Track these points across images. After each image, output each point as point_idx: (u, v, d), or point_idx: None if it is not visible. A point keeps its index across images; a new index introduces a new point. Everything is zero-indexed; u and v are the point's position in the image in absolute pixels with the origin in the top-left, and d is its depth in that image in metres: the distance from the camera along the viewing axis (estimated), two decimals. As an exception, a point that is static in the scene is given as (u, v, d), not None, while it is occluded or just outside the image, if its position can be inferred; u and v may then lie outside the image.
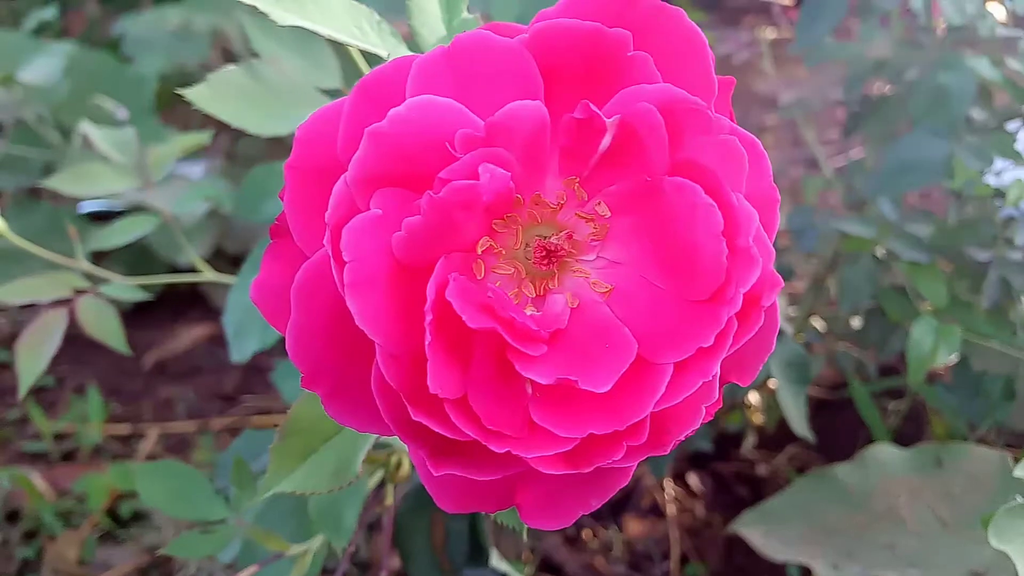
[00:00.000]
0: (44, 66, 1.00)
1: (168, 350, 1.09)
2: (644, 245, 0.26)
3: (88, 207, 1.06)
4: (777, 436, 0.90)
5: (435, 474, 0.25)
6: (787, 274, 0.90)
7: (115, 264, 1.04)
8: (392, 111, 0.24)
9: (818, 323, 0.92)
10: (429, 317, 0.23)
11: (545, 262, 0.26)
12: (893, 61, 0.80)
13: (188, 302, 1.16)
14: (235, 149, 1.14)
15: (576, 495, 0.27)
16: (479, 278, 0.26)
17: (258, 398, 1.02)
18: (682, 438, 0.25)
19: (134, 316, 1.10)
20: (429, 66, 0.25)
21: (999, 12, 0.76)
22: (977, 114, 0.77)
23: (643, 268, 0.26)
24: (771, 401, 0.88)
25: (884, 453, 0.71)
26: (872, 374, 0.87)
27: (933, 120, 0.72)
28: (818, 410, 0.93)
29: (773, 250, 0.25)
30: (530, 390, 0.25)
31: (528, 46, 0.25)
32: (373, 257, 0.23)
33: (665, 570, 0.80)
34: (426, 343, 0.23)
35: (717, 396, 0.26)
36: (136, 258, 1.05)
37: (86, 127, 0.58)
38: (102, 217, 1.02)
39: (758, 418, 0.91)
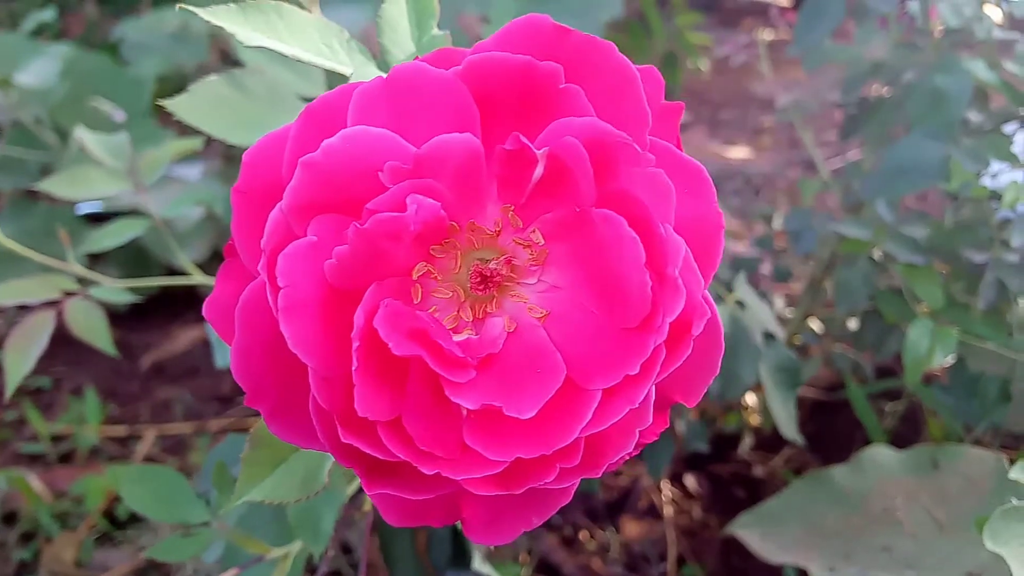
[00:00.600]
0: (41, 68, 1.00)
1: (165, 352, 1.09)
2: (580, 272, 0.27)
3: (85, 208, 1.06)
4: (774, 438, 0.90)
5: (369, 493, 0.26)
6: (784, 276, 0.90)
7: (111, 266, 1.04)
8: (325, 142, 0.24)
9: (815, 324, 0.92)
10: (356, 344, 0.24)
11: (482, 287, 0.27)
12: (890, 63, 0.80)
13: (185, 304, 1.16)
14: (232, 151, 1.14)
15: (517, 513, 0.28)
16: (416, 302, 0.27)
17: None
18: (616, 460, 0.26)
19: (131, 318, 1.10)
20: (368, 96, 0.26)
21: (996, 15, 0.76)
22: (974, 116, 0.77)
23: (579, 295, 0.27)
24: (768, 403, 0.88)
25: (880, 455, 0.71)
26: (869, 375, 0.88)
27: (930, 122, 0.72)
28: (815, 411, 0.94)
29: (701, 279, 0.26)
30: (464, 413, 0.25)
31: (463, 77, 0.26)
32: (307, 283, 0.24)
33: (662, 571, 0.80)
34: (353, 369, 0.24)
35: (654, 418, 0.26)
36: (132, 260, 1.05)
37: (80, 132, 0.58)
38: (99, 218, 1.02)
39: (755, 420, 0.91)
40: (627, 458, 0.26)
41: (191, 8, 0.30)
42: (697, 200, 0.26)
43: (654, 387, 0.25)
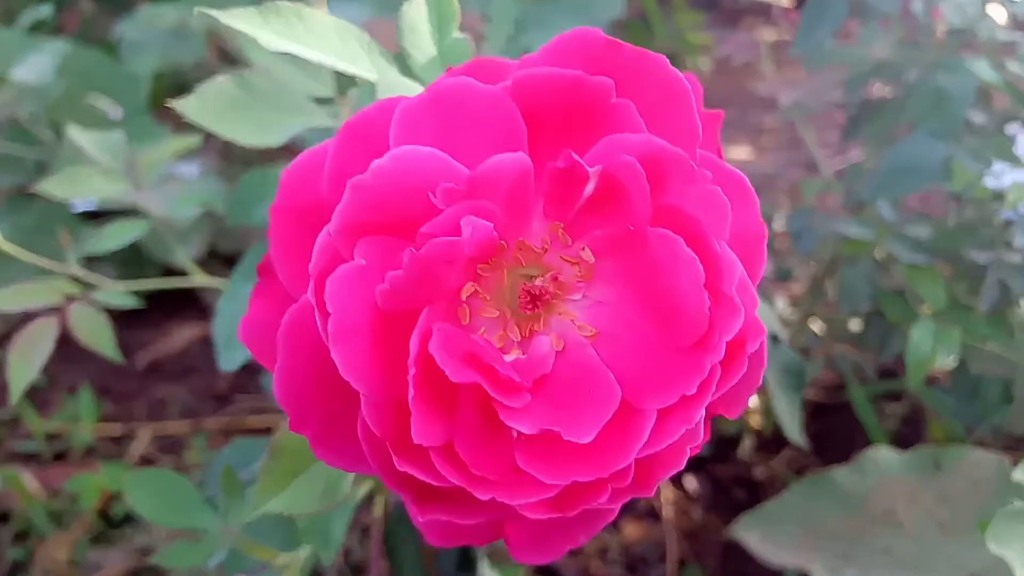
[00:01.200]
0: (37, 64, 0.99)
1: (161, 350, 1.09)
2: (629, 289, 0.27)
3: (82, 206, 1.05)
4: (775, 439, 0.90)
5: (420, 520, 0.25)
6: (786, 276, 0.90)
7: (107, 264, 1.04)
8: (374, 163, 0.24)
9: (817, 325, 0.92)
10: (413, 371, 0.23)
11: (530, 306, 0.26)
12: (893, 63, 0.80)
13: (181, 302, 1.15)
14: (230, 148, 1.13)
15: (563, 533, 0.27)
16: (464, 323, 0.26)
17: (252, 398, 1.01)
18: (666, 477, 0.26)
19: (127, 316, 1.09)
20: (412, 112, 0.25)
21: (999, 15, 0.76)
22: (976, 117, 0.77)
23: (629, 312, 0.27)
24: (769, 404, 0.87)
25: (882, 456, 0.70)
26: (871, 377, 0.87)
27: (933, 122, 0.71)
28: (816, 413, 0.93)
29: (756, 296, 0.25)
30: (516, 435, 0.25)
31: (511, 93, 0.25)
32: (356, 307, 0.24)
33: (662, 573, 0.79)
34: (410, 397, 0.23)
35: (703, 436, 0.26)
36: (128, 258, 1.04)
37: (74, 131, 0.57)
38: (96, 215, 1.02)
39: (756, 421, 0.91)
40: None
41: (210, 12, 0.29)
42: (741, 211, 0.26)
43: None
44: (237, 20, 0.30)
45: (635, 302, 0.26)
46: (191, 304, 1.15)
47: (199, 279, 0.54)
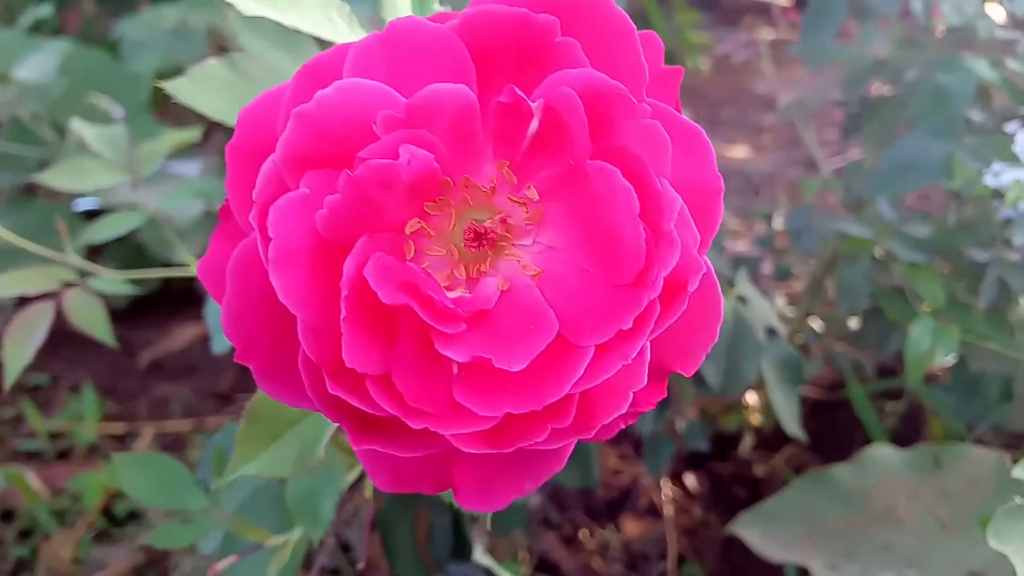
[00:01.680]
0: (39, 64, 1.00)
1: (163, 349, 1.09)
2: (575, 229, 0.27)
3: (83, 205, 1.05)
4: (774, 437, 0.90)
5: (356, 448, 0.25)
6: (785, 275, 0.90)
7: (110, 262, 1.04)
8: (319, 93, 0.24)
9: (816, 323, 0.92)
10: (345, 292, 0.24)
11: (475, 244, 0.26)
12: (892, 62, 0.80)
13: (183, 301, 1.15)
14: (231, 147, 1.14)
15: (509, 477, 0.27)
16: (409, 258, 0.26)
17: (253, 396, 1.02)
18: (608, 421, 0.25)
19: (129, 315, 1.09)
20: (364, 51, 0.25)
21: (998, 14, 0.76)
22: (976, 115, 0.77)
23: (575, 253, 0.27)
24: (769, 402, 0.88)
25: (882, 453, 0.71)
26: (870, 375, 0.87)
27: (932, 121, 0.72)
28: (815, 410, 0.94)
29: (698, 235, 0.25)
30: (455, 369, 0.25)
31: (459, 31, 0.25)
32: (298, 235, 0.24)
33: (662, 570, 0.79)
34: (341, 318, 0.24)
35: (648, 382, 0.26)
36: (130, 257, 1.05)
37: (77, 124, 0.57)
38: (97, 215, 1.02)
39: (756, 419, 0.91)
40: (621, 424, 0.26)
41: None
42: (696, 162, 0.26)
43: (649, 349, 0.25)
44: None
45: (581, 242, 0.27)
46: (193, 304, 1.15)
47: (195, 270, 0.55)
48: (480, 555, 0.52)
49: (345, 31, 0.33)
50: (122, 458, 0.41)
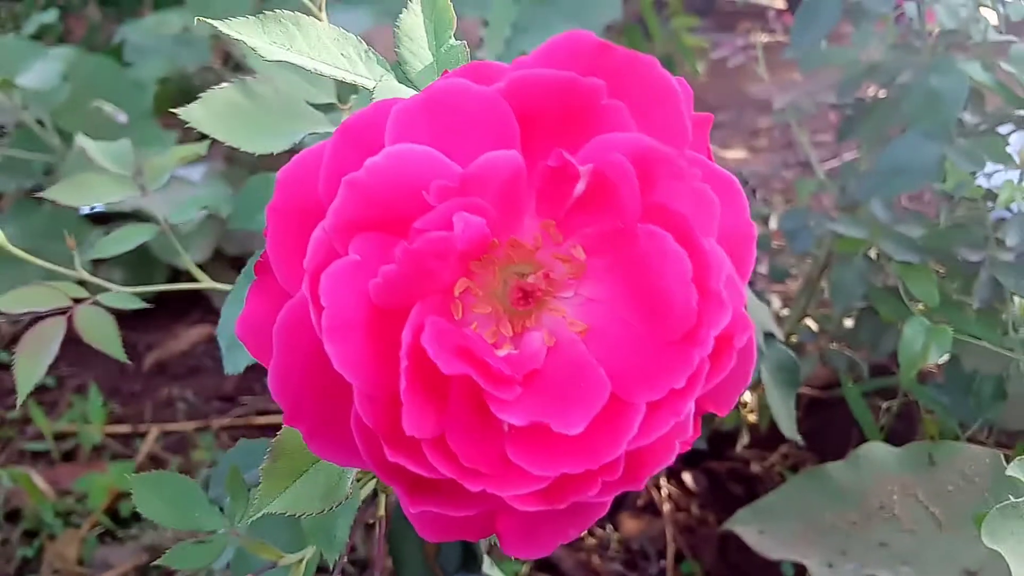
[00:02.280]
0: (44, 70, 1.01)
1: (168, 350, 1.10)
2: (619, 286, 0.27)
3: (88, 209, 1.06)
4: (771, 435, 0.90)
5: (412, 511, 0.26)
6: (781, 275, 0.91)
7: (115, 266, 1.05)
8: (369, 161, 0.24)
9: (811, 323, 0.93)
10: (405, 363, 0.24)
11: (522, 302, 0.27)
12: (886, 65, 0.81)
13: (188, 302, 1.16)
14: (235, 152, 1.14)
15: (554, 526, 0.28)
16: (457, 318, 0.26)
17: (258, 398, 1.03)
18: (656, 471, 0.26)
19: (134, 317, 1.09)
20: (407, 113, 0.25)
21: (991, 16, 0.77)
22: (969, 117, 0.78)
23: (619, 308, 0.27)
24: (765, 401, 0.88)
25: (877, 451, 0.71)
26: (864, 374, 0.88)
27: (926, 123, 0.72)
28: (811, 409, 0.94)
29: (744, 292, 0.26)
30: (506, 428, 0.25)
31: (504, 94, 0.26)
32: (351, 302, 0.24)
33: (660, 568, 0.80)
34: (402, 388, 0.24)
35: (692, 431, 0.26)
36: (136, 261, 1.05)
37: (82, 139, 0.58)
38: (103, 218, 1.03)
39: (752, 417, 0.92)
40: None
41: (210, 21, 0.30)
42: (731, 211, 0.26)
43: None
44: (236, 29, 0.31)
45: (625, 298, 0.27)
46: (198, 305, 1.16)
47: (205, 283, 0.55)
48: (488, 567, 0.52)
49: (363, 70, 0.33)
50: (135, 477, 0.41)
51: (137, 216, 0.89)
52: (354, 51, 0.33)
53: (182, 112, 0.40)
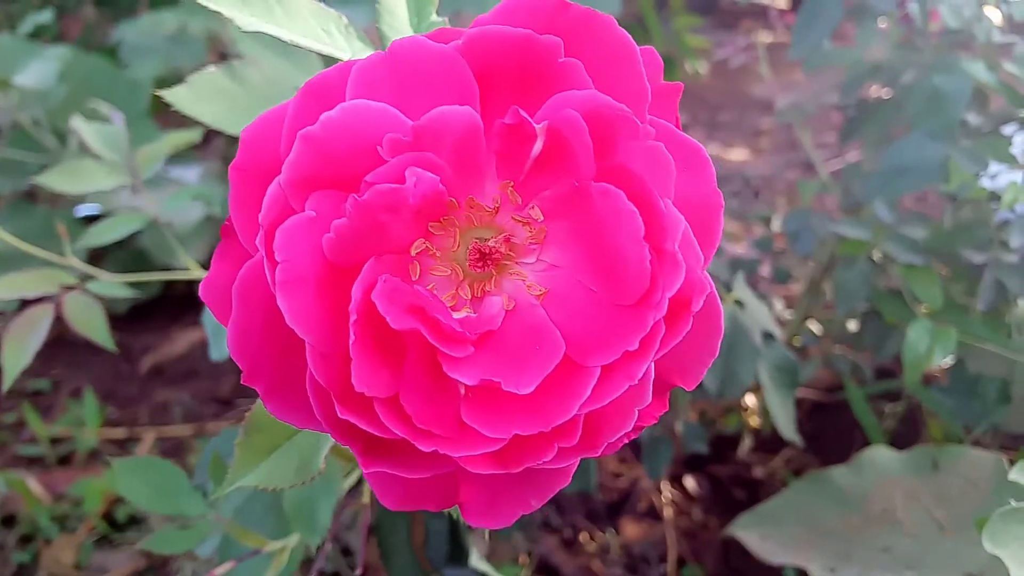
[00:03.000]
0: (40, 70, 1.00)
1: (164, 354, 1.09)
2: (578, 249, 0.27)
3: (84, 211, 1.06)
4: (773, 439, 0.90)
5: (365, 471, 0.25)
6: (784, 277, 0.90)
7: (111, 268, 1.04)
8: (324, 115, 0.24)
9: (814, 326, 0.92)
10: (354, 317, 0.24)
11: (480, 264, 0.27)
12: (890, 65, 0.80)
13: (184, 306, 1.16)
14: (231, 152, 1.14)
15: (515, 494, 0.27)
16: (414, 279, 0.26)
17: (253, 402, 1.02)
18: (614, 439, 0.26)
19: (130, 320, 1.10)
20: (368, 71, 0.25)
21: (995, 17, 0.76)
22: (972, 118, 0.78)
23: (578, 272, 0.27)
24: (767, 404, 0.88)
25: (880, 455, 0.71)
26: (868, 377, 0.88)
27: (929, 123, 0.72)
28: (814, 413, 0.94)
29: (701, 255, 0.25)
30: (463, 391, 0.25)
31: (463, 52, 0.25)
32: (305, 257, 0.24)
33: (662, 573, 0.79)
34: (350, 342, 0.23)
35: (652, 398, 0.26)
36: (132, 263, 1.05)
37: (76, 123, 0.58)
38: (98, 221, 1.02)
39: (754, 421, 0.91)
40: (625, 440, 0.26)
41: None
42: (696, 179, 0.26)
43: (653, 367, 0.25)
44: (216, 2, 0.30)
45: (584, 261, 0.27)
46: (193, 309, 1.15)
47: (200, 274, 0.55)
48: (476, 560, 0.52)
49: (343, 44, 0.33)
50: (120, 462, 0.41)
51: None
52: (335, 27, 0.33)
53: (167, 94, 0.39)
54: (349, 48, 0.33)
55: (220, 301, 0.26)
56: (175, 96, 0.40)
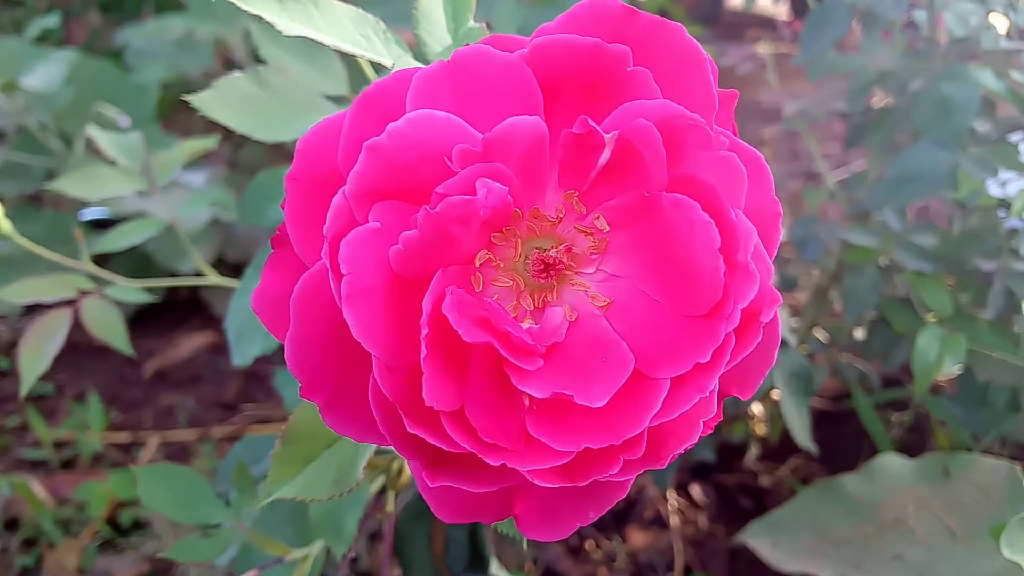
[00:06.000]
0: (46, 73, 1.00)
1: (169, 358, 1.09)
2: (644, 259, 0.26)
3: (90, 215, 1.05)
4: (780, 447, 0.90)
5: (431, 485, 0.25)
6: (790, 285, 0.90)
7: (115, 271, 1.04)
8: (391, 125, 0.24)
9: (821, 334, 0.92)
10: (425, 331, 0.23)
11: (543, 275, 0.26)
12: (896, 73, 0.80)
13: (189, 310, 1.15)
14: (237, 158, 1.14)
15: (574, 507, 0.27)
16: (477, 290, 0.26)
17: (259, 406, 1.02)
18: (680, 452, 0.25)
19: (135, 324, 1.09)
20: (429, 80, 0.25)
21: (1002, 25, 0.76)
22: (980, 126, 0.78)
23: (642, 282, 0.26)
24: (774, 412, 0.88)
25: (891, 463, 0.70)
26: (875, 385, 0.87)
27: (937, 131, 0.72)
28: (821, 421, 0.93)
29: (772, 266, 0.25)
30: (527, 403, 0.25)
31: (528, 60, 0.25)
32: (371, 270, 0.23)
33: (669, 581, 0.79)
34: (422, 356, 0.23)
35: (716, 410, 0.26)
36: (136, 267, 1.05)
37: (92, 131, 0.58)
38: (104, 225, 1.02)
39: (761, 429, 0.91)
40: (688, 449, 0.26)
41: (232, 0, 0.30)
42: (758, 188, 0.26)
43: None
44: (256, 6, 0.30)
45: (650, 271, 0.26)
46: (198, 313, 1.15)
47: (213, 279, 0.54)
48: (496, 568, 0.52)
49: (381, 49, 0.33)
50: (141, 470, 0.40)
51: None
52: (372, 31, 0.33)
53: (193, 99, 0.39)
54: (388, 53, 0.33)
55: (273, 312, 0.26)
56: (200, 100, 0.40)
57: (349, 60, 0.48)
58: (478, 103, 0.25)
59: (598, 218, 0.26)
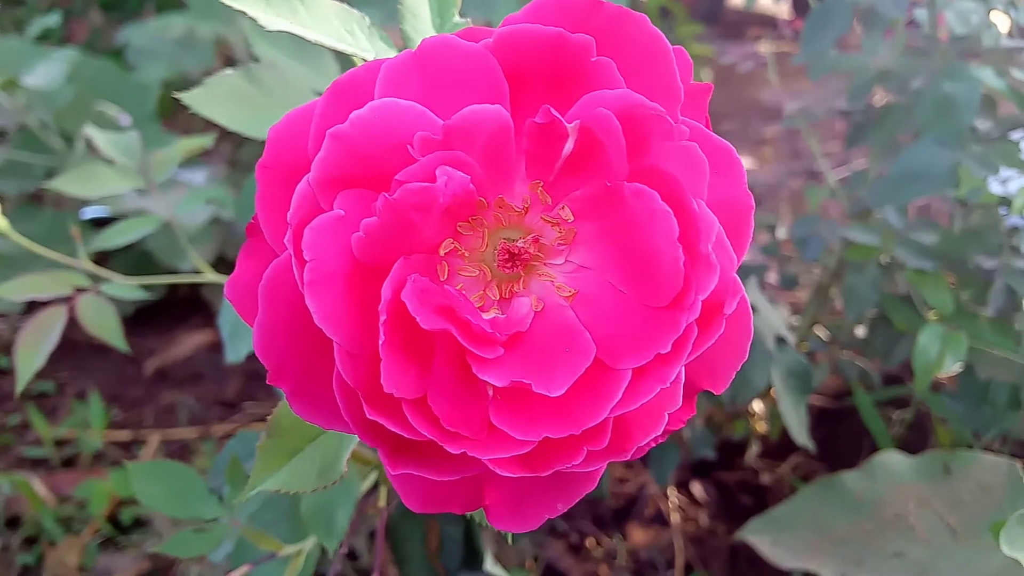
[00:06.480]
0: (47, 71, 1.00)
1: (169, 356, 1.09)
2: (609, 250, 0.26)
3: (90, 213, 1.05)
4: (781, 445, 0.90)
5: (392, 473, 0.25)
6: (791, 283, 0.90)
7: (116, 270, 1.04)
8: (354, 113, 0.24)
9: (822, 332, 0.92)
10: (383, 317, 0.23)
11: (509, 265, 0.26)
12: (897, 71, 0.80)
13: (189, 308, 1.15)
14: (237, 156, 1.14)
15: (541, 498, 0.27)
16: (442, 279, 0.26)
17: (259, 404, 1.02)
18: (645, 444, 0.25)
19: (135, 322, 1.09)
20: (397, 69, 0.25)
21: (1003, 23, 0.76)
22: (981, 124, 0.78)
23: (608, 273, 0.26)
24: (775, 410, 0.88)
25: (892, 461, 0.70)
26: (876, 383, 0.87)
27: (938, 129, 0.72)
28: (822, 419, 0.93)
29: (735, 257, 0.25)
30: (491, 392, 0.25)
31: (493, 51, 0.25)
32: (333, 257, 0.24)
33: (669, 579, 0.79)
34: (380, 343, 0.23)
35: (683, 402, 0.26)
36: (137, 264, 1.05)
37: (90, 131, 0.58)
38: (105, 223, 1.02)
39: (762, 427, 0.91)
40: (653, 444, 0.26)
41: None
42: (727, 181, 0.26)
43: (684, 369, 0.25)
44: (240, 2, 0.30)
45: (615, 262, 0.26)
46: (199, 311, 1.15)
47: (211, 276, 0.55)
48: (491, 565, 0.52)
49: (366, 45, 0.33)
50: (135, 466, 0.41)
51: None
52: (358, 27, 0.33)
53: (186, 96, 0.39)
54: (372, 49, 0.33)
55: (245, 300, 0.26)
56: (192, 97, 0.40)
57: (343, 58, 0.48)
58: (444, 92, 0.25)
59: (563, 208, 0.27)
